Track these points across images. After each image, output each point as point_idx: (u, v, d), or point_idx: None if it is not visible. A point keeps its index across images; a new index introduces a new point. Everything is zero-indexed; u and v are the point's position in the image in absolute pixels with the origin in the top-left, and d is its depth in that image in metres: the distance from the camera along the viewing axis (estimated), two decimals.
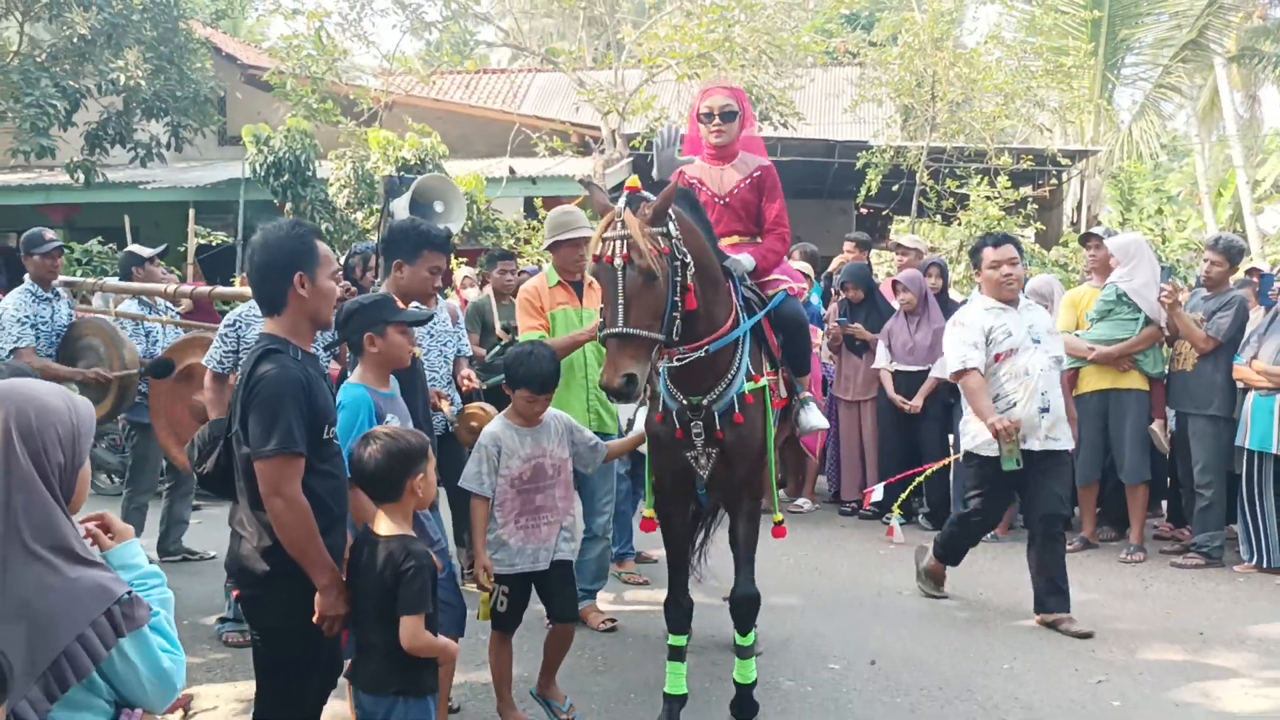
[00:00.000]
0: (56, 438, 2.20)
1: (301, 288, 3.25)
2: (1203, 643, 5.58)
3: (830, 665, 5.21)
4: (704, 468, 4.31)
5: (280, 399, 3.10)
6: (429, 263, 4.47)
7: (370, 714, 3.27)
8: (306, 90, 13.27)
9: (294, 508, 3.11)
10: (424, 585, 3.22)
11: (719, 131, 4.83)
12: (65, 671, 2.07)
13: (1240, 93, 26.58)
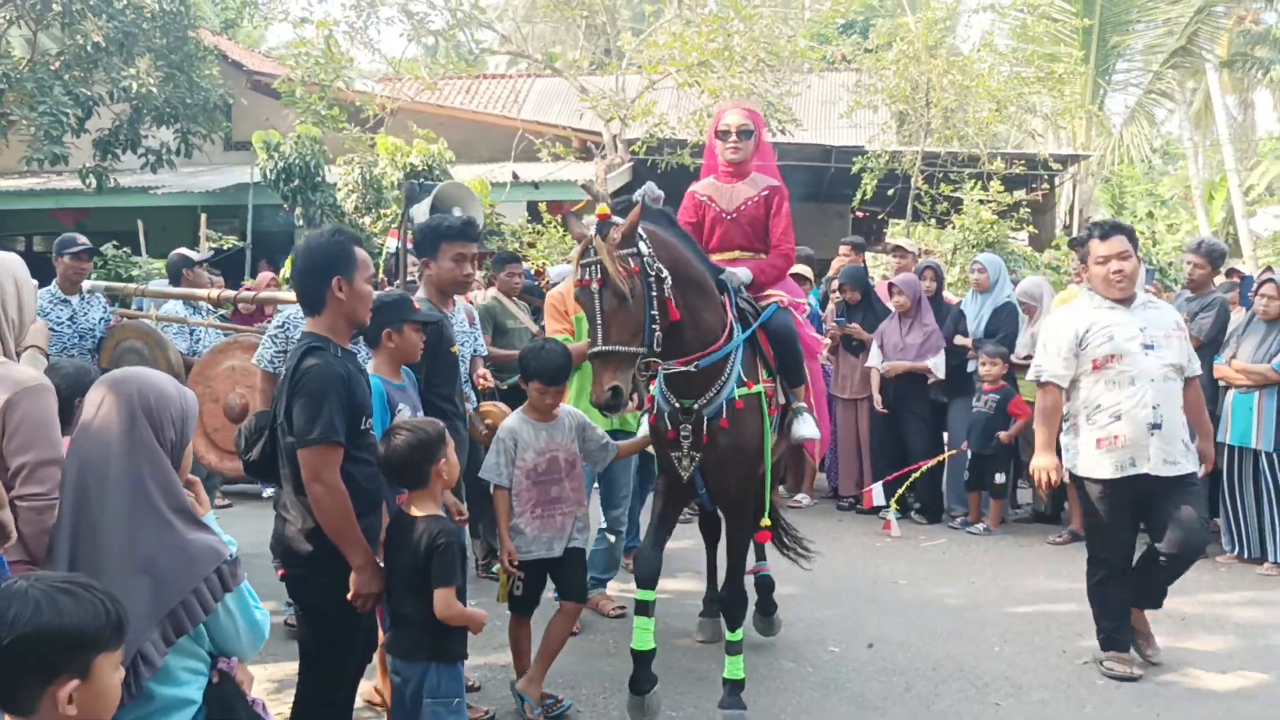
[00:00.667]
0: (170, 418, 2.55)
1: (339, 290, 3.52)
2: (1185, 627, 5.85)
3: (830, 648, 5.48)
4: (685, 469, 4.49)
5: (323, 392, 3.36)
6: (449, 253, 4.65)
7: (405, 679, 3.55)
8: (314, 97, 13.53)
9: (333, 493, 3.38)
10: (454, 559, 3.50)
11: (735, 149, 5.03)
12: (181, 620, 2.38)
13: (1233, 97, 26.93)
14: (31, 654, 1.86)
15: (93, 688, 1.92)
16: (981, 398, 8.03)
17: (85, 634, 1.90)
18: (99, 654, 1.93)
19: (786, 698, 4.83)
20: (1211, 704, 4.80)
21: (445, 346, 4.54)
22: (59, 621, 1.88)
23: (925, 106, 14.14)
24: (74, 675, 1.89)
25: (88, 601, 1.93)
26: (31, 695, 1.89)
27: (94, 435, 2.50)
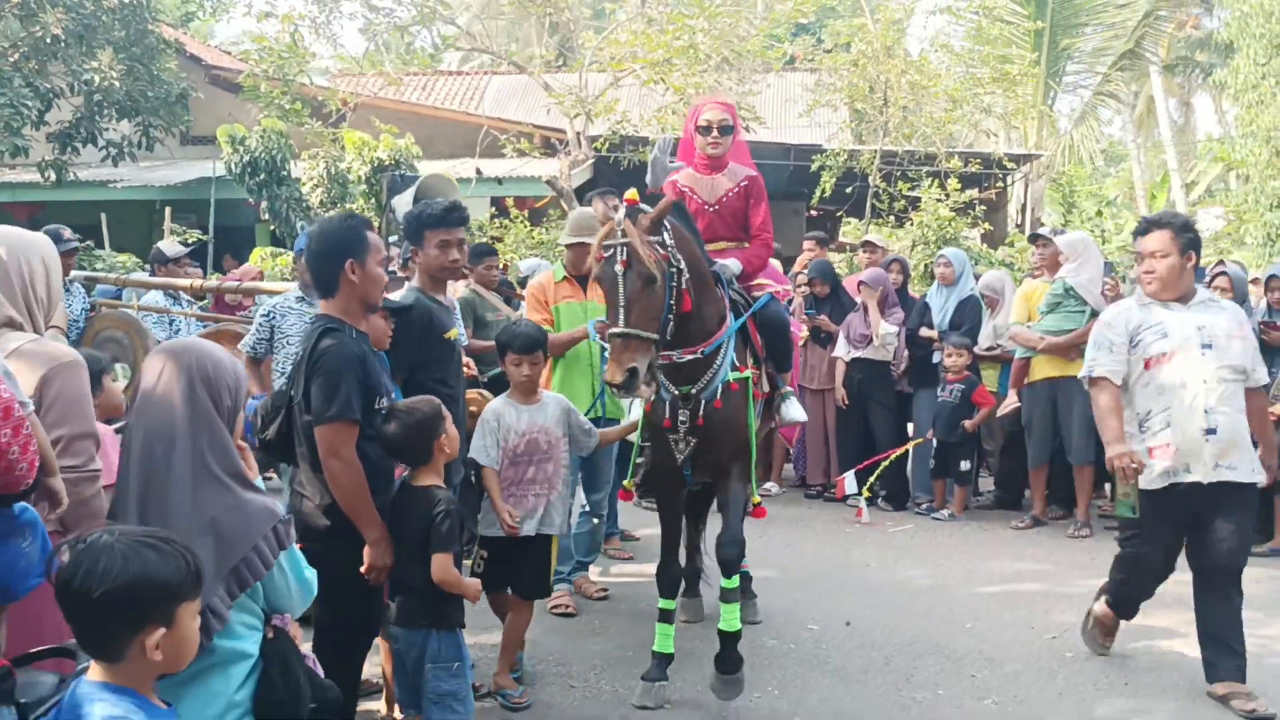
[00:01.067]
0: (226, 386, 2.67)
1: (352, 273, 3.63)
2: (1147, 607, 6.05)
3: (809, 627, 5.66)
4: (682, 452, 4.64)
5: (340, 371, 3.48)
6: (434, 240, 4.53)
7: (407, 647, 3.66)
8: (278, 92, 13.50)
9: (349, 468, 3.50)
10: (453, 526, 3.63)
11: (716, 144, 5.17)
12: (244, 575, 2.51)
13: (1175, 100, 27.61)
14: (122, 604, 1.99)
15: (176, 635, 2.05)
16: (946, 388, 8.26)
17: (169, 585, 2.03)
18: (181, 603, 2.06)
19: (771, 673, 4.99)
20: (1175, 674, 5.03)
21: (437, 333, 4.52)
22: (146, 573, 2.00)
23: (883, 106, 14.41)
24: (160, 624, 2.02)
25: (170, 554, 2.06)
26: (121, 643, 2.02)
27: (156, 403, 2.61)
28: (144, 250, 13.18)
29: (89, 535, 2.09)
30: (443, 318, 4.60)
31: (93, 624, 2.03)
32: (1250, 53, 17.41)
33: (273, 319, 5.52)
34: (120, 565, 1.99)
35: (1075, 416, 7.65)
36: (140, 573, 2.00)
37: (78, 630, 2.11)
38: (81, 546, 2.06)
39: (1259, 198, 17.47)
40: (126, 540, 2.04)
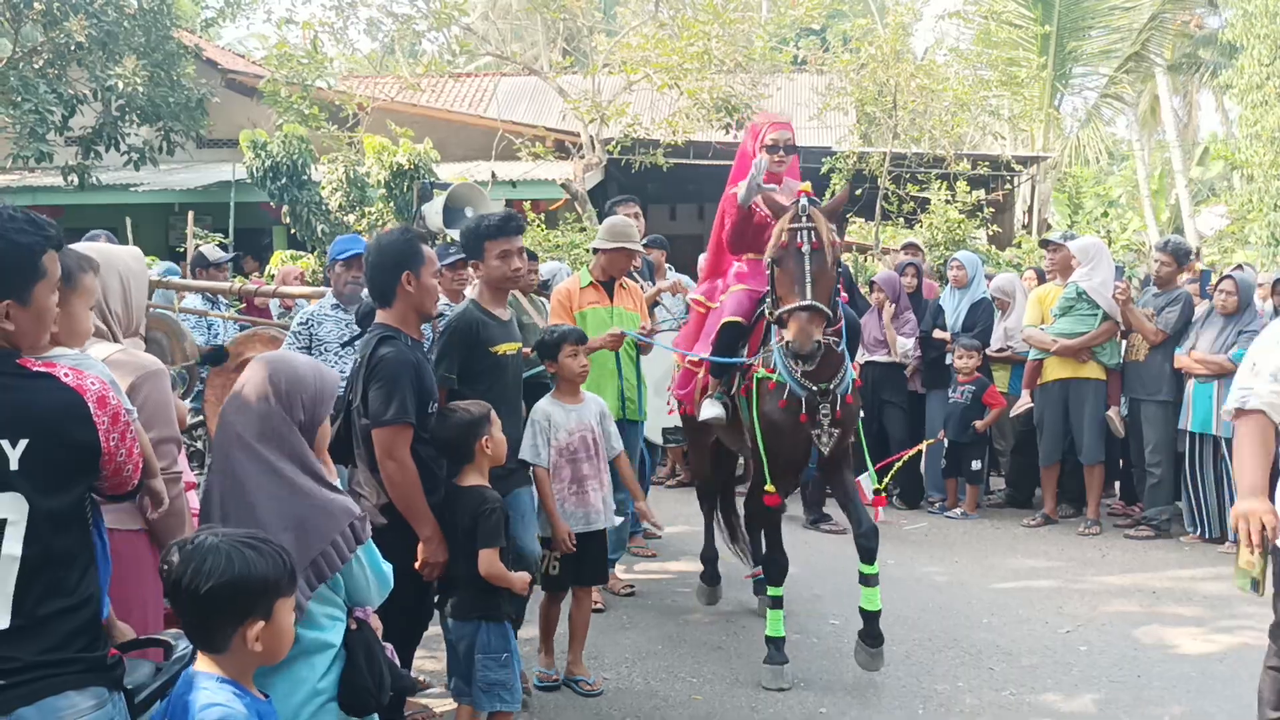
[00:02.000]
0: (300, 401, 2.86)
1: (408, 284, 3.84)
2: (1155, 600, 6.29)
3: (830, 621, 5.85)
4: (826, 445, 4.93)
5: (397, 377, 3.70)
6: (493, 251, 4.52)
7: (459, 638, 3.88)
8: (297, 97, 13.70)
9: (404, 469, 3.72)
10: (498, 523, 3.86)
11: (781, 161, 5.43)
12: (322, 568, 2.73)
13: (1179, 98, 27.75)
14: (226, 599, 2.22)
15: (274, 627, 2.29)
16: (958, 389, 8.44)
17: (268, 581, 2.26)
18: (279, 598, 2.29)
19: (795, 665, 5.17)
20: (1186, 665, 5.22)
21: (483, 346, 4.44)
22: (248, 571, 2.23)
23: (892, 109, 14.57)
24: (260, 617, 2.25)
25: (268, 553, 2.30)
26: (225, 635, 2.25)
27: (239, 407, 2.87)
28: (162, 253, 13.40)
29: (196, 537, 2.31)
30: (493, 331, 4.52)
31: (200, 617, 2.26)
32: (1254, 53, 17.55)
33: (310, 326, 5.69)
34: (225, 564, 2.21)
35: (1086, 417, 7.85)
36: (243, 570, 2.22)
37: (187, 624, 2.34)
38: (189, 548, 2.28)
39: (1263, 197, 17.63)
40: (229, 541, 2.27)
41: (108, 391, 2.47)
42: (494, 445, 4.01)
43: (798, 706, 4.70)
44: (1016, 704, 4.76)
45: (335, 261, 5.77)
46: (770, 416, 4.96)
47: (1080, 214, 18.75)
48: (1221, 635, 5.64)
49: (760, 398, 5.00)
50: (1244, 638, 5.59)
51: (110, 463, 2.48)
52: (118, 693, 2.46)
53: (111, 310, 3.30)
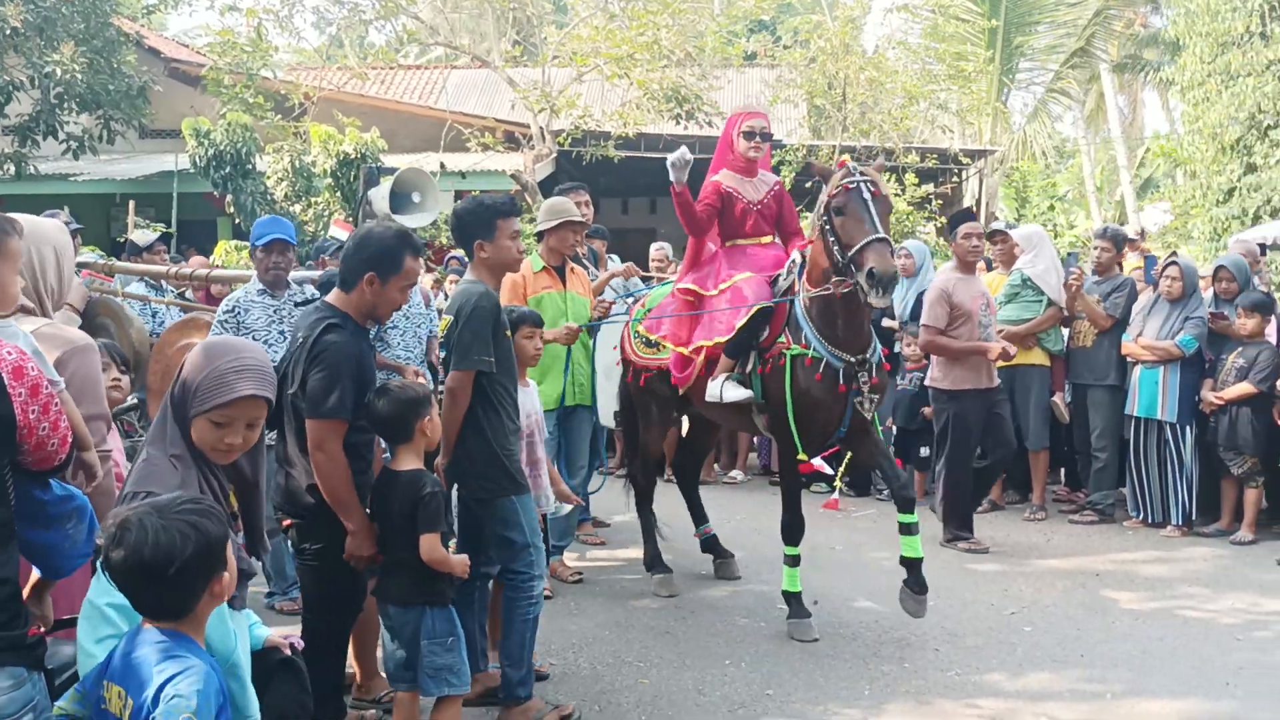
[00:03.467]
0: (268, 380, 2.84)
1: (368, 285, 3.76)
2: (1099, 583, 6.36)
3: (779, 606, 5.82)
4: (869, 410, 5.28)
5: (339, 369, 3.63)
6: (506, 231, 4.36)
7: (401, 624, 3.79)
8: (241, 86, 13.49)
9: (333, 462, 3.65)
10: (439, 507, 3.78)
11: (758, 148, 5.66)
12: None
13: (1124, 96, 28.14)
14: (198, 567, 2.24)
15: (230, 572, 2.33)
16: (906, 376, 8.48)
17: (220, 538, 2.29)
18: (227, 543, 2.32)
19: (744, 649, 5.18)
20: (1128, 645, 5.27)
21: (502, 330, 4.34)
22: (205, 539, 2.24)
23: (842, 102, 14.64)
24: (223, 568, 2.30)
25: (207, 511, 2.30)
26: (196, 598, 2.27)
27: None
28: (104, 244, 13.14)
29: (131, 520, 2.24)
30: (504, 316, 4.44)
31: (172, 594, 2.24)
32: (1196, 50, 17.84)
33: (237, 314, 5.53)
34: (181, 541, 2.21)
35: (1032, 403, 7.92)
36: (201, 538, 2.23)
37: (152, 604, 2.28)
38: (132, 530, 2.22)
39: (1205, 193, 17.92)
40: (168, 514, 2.24)
41: (25, 362, 2.39)
42: (432, 428, 3.94)
43: (744, 689, 4.69)
44: (962, 684, 4.78)
45: (255, 247, 5.65)
46: (809, 390, 5.22)
47: (1027, 208, 19.01)
48: (1162, 615, 5.71)
49: (796, 374, 5.23)
50: (1183, 617, 5.68)
51: (31, 436, 2.41)
52: (38, 673, 2.39)
53: (46, 284, 3.21)
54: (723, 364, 5.50)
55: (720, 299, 5.59)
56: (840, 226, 4.91)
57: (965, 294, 7.02)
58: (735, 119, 5.78)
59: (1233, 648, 5.23)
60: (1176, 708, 4.51)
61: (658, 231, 16.02)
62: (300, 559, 3.89)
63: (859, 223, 4.83)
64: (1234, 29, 16.93)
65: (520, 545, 4.21)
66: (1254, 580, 6.38)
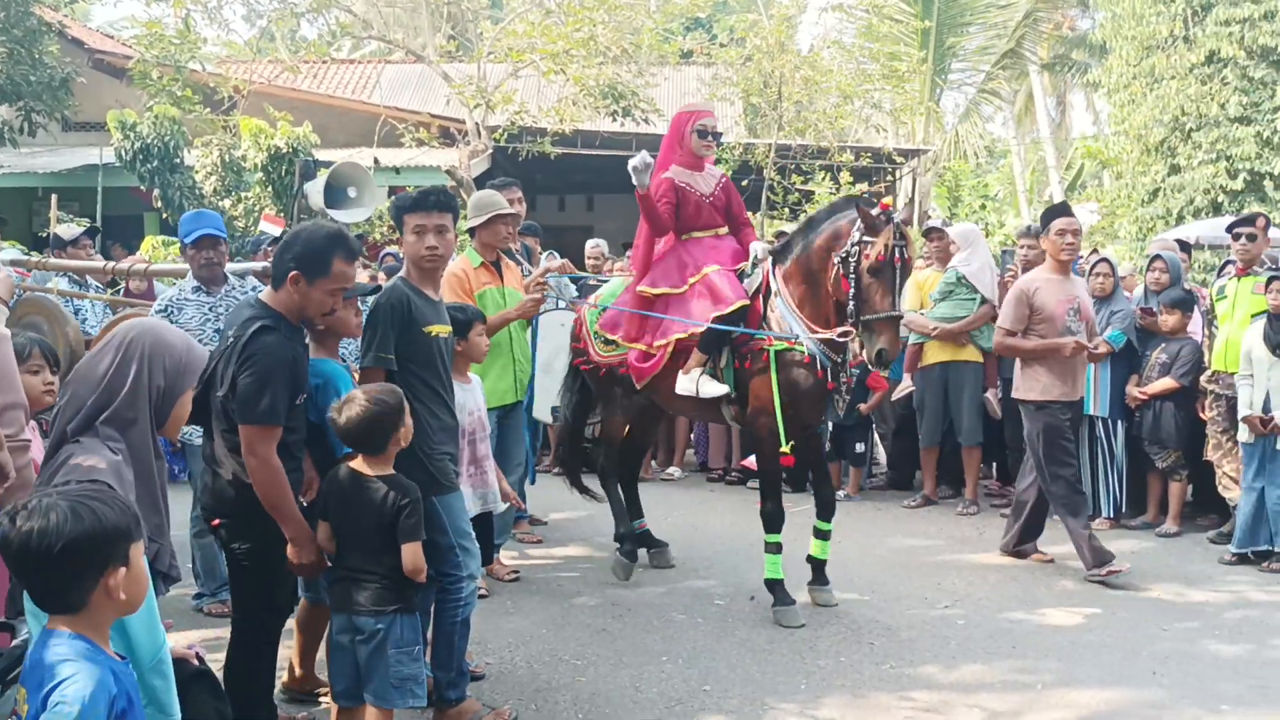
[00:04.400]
0: (163, 367, 2.71)
1: (293, 285, 3.65)
2: (1030, 576, 6.45)
3: (716, 602, 5.86)
4: (842, 406, 5.84)
5: (271, 373, 3.52)
6: (409, 225, 4.29)
7: (373, 632, 3.63)
8: (169, 79, 13.20)
9: (266, 467, 3.54)
10: (420, 516, 3.69)
11: (709, 146, 5.86)
12: None
13: (1052, 98, 28.65)
14: (85, 552, 2.12)
15: (133, 573, 2.21)
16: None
17: (119, 528, 2.18)
18: (132, 543, 2.21)
19: (681, 644, 5.17)
20: (1058, 636, 5.36)
21: (417, 326, 4.18)
22: (99, 522, 2.14)
23: (777, 100, 14.71)
24: (120, 564, 2.17)
25: (111, 500, 2.22)
26: (86, 590, 2.15)
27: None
28: (25, 239, 12.80)
29: (29, 501, 2.17)
30: (425, 310, 4.28)
31: (58, 579, 2.14)
32: (1122, 53, 18.20)
33: (170, 313, 5.41)
34: (73, 519, 2.11)
35: (965, 399, 8.02)
36: (93, 522, 2.13)
37: (40, 589, 2.20)
38: (26, 512, 2.15)
39: (1131, 193, 18.29)
40: (69, 498, 2.17)
41: None
42: (407, 435, 3.76)
43: (681, 685, 4.68)
44: (897, 676, 4.81)
45: (185, 245, 5.52)
46: (799, 384, 5.50)
47: (959, 206, 19.26)
48: (1090, 607, 5.80)
49: (783, 368, 5.49)
50: (1112, 609, 5.78)
51: None
52: None
53: None
54: (695, 358, 5.63)
55: (692, 292, 5.70)
56: (869, 286, 5.22)
57: (1051, 296, 6.32)
58: (687, 117, 5.86)
59: (1159, 637, 5.33)
60: (1105, 697, 4.58)
61: (595, 228, 16.00)
62: (229, 559, 3.79)
63: (887, 294, 5.20)
64: (1158, 33, 17.32)
65: (445, 547, 4.10)
66: (1179, 571, 6.52)
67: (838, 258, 5.32)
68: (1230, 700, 4.54)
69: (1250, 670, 4.89)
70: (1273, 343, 6.46)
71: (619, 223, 17.26)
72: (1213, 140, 16.69)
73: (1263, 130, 16.40)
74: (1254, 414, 6.51)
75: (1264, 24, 16.32)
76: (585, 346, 6.29)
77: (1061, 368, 6.30)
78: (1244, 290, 6.95)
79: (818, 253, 5.47)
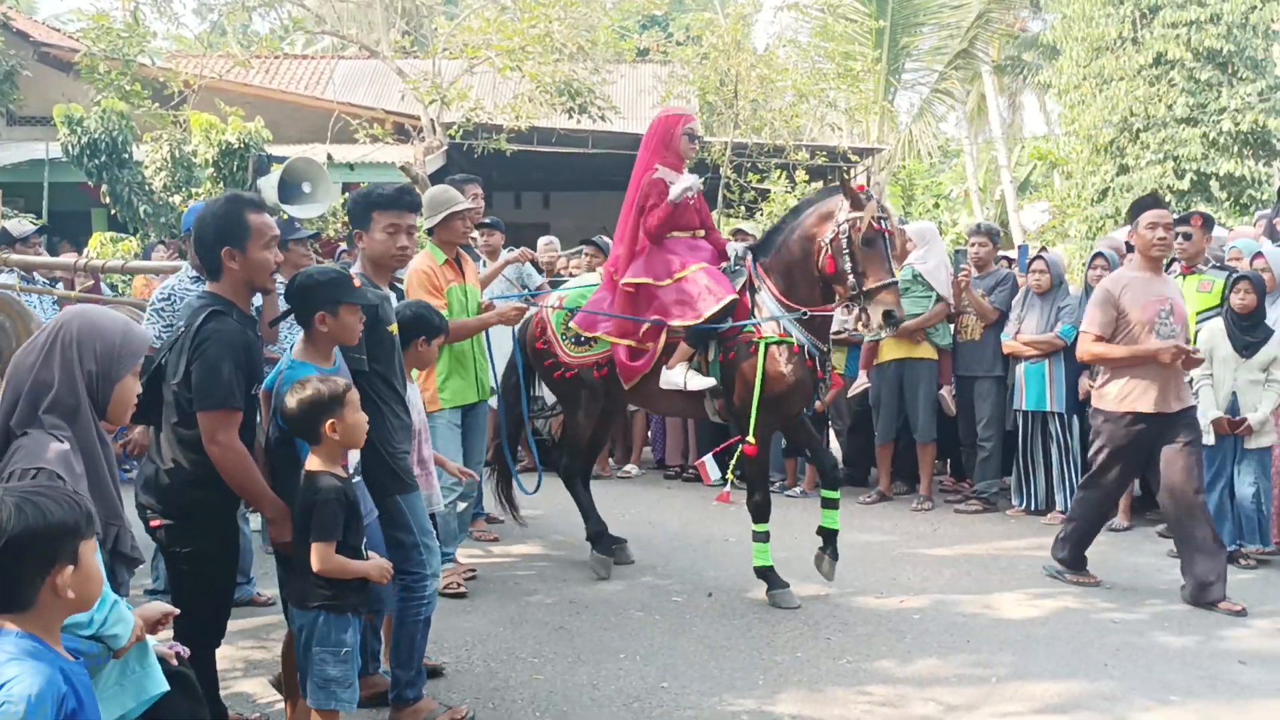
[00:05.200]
0: (94, 352, 2.70)
1: (231, 261, 3.60)
2: (984, 570, 6.51)
3: (673, 598, 5.86)
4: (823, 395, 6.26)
5: (223, 358, 3.47)
6: (380, 223, 4.25)
7: (299, 626, 3.65)
8: (116, 73, 12.98)
9: (229, 452, 3.50)
10: (332, 515, 3.51)
11: (696, 149, 6.07)
12: None
13: (1004, 98, 28.95)
14: (30, 548, 2.08)
15: (83, 571, 2.15)
16: None
17: (68, 525, 2.13)
18: (82, 540, 2.15)
19: (638, 642, 5.16)
20: (1011, 629, 5.41)
21: (383, 325, 4.18)
22: (44, 518, 2.09)
23: (733, 99, 14.75)
24: (68, 562, 2.12)
25: (60, 496, 2.17)
26: (33, 588, 2.10)
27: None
28: None
29: None
30: (387, 310, 4.29)
31: (3, 576, 2.09)
32: (1073, 54, 18.43)
33: (174, 303, 5.30)
34: (17, 514, 2.07)
35: (920, 396, 8.09)
36: (38, 518, 2.08)
37: None
38: None
39: (1080, 193, 18.54)
40: (14, 494, 2.12)
41: None
42: (344, 429, 3.61)
43: (639, 682, 4.67)
44: (853, 670, 4.84)
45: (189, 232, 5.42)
46: (788, 374, 5.67)
47: (913, 205, 19.42)
48: (1043, 600, 5.87)
49: (773, 360, 5.66)
50: (1064, 602, 5.84)
51: None
52: None
53: None
54: (682, 352, 5.80)
55: (675, 287, 5.80)
56: (865, 258, 5.43)
57: (1140, 296, 5.84)
58: (676, 120, 6.00)
59: (1109, 630, 5.40)
60: (1058, 689, 4.63)
61: (551, 226, 15.95)
62: (169, 562, 3.72)
63: (881, 262, 5.43)
64: (1108, 34, 17.56)
65: (409, 545, 4.09)
66: (1129, 565, 6.61)
67: (827, 238, 5.54)
68: (1179, 691, 4.61)
69: (1198, 661, 4.97)
70: (1240, 343, 6.48)
71: (575, 220, 17.24)
72: (1160, 141, 16.96)
73: (1208, 131, 16.70)
74: (1222, 416, 6.43)
75: (1210, 26, 16.61)
76: (552, 348, 6.28)
77: (1154, 375, 5.75)
78: (1189, 288, 7.06)
79: (801, 240, 5.68)
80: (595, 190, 17.39)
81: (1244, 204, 16.67)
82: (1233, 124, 16.56)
